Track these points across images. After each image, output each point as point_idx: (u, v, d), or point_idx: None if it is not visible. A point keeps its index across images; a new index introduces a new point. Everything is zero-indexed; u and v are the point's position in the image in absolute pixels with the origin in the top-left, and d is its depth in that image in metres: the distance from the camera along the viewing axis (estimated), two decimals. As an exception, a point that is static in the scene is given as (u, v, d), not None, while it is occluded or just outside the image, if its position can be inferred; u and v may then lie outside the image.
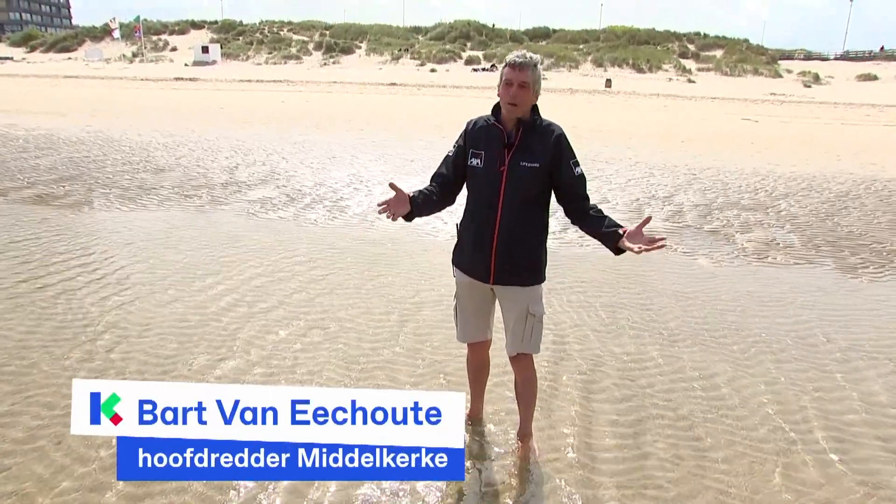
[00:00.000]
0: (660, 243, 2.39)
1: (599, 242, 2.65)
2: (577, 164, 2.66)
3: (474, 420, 3.26)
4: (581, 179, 2.67)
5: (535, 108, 2.66)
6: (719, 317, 4.85)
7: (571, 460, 3.01)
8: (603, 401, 3.56)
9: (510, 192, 2.62)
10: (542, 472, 2.92)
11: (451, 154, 2.80)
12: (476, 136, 2.71)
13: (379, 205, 2.65)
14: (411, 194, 2.69)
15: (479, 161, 2.68)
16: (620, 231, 2.52)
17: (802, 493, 2.84)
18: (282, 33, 63.19)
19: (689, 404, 3.55)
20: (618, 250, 2.56)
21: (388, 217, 2.63)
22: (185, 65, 50.96)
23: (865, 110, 28.68)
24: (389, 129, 16.79)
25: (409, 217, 2.70)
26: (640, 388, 3.70)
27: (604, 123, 19.60)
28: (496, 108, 2.69)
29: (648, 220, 2.49)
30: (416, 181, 9.80)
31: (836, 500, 2.81)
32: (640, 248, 2.40)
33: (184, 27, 65.93)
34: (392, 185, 2.64)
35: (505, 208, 2.64)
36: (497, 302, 2.91)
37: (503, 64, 2.63)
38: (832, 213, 8.62)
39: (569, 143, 2.67)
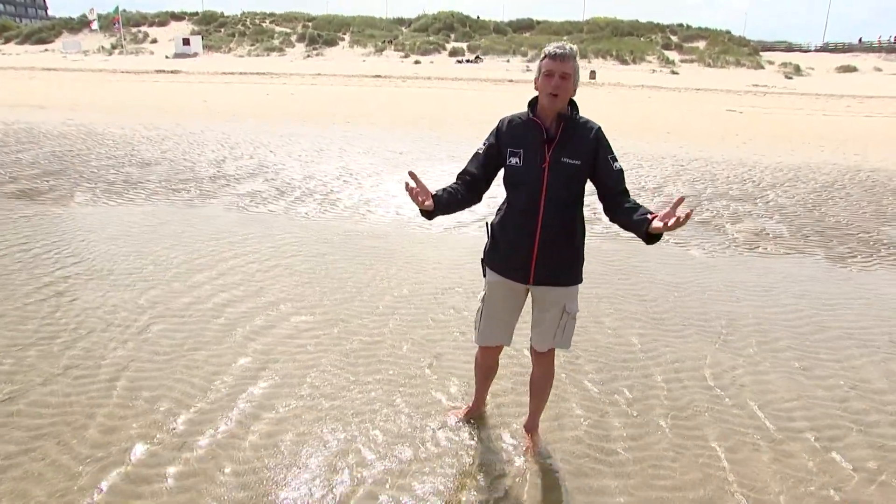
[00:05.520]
0: (687, 216, 2.24)
1: (632, 233, 2.52)
2: (615, 159, 2.61)
3: (479, 414, 3.26)
4: (620, 174, 2.60)
5: (573, 104, 2.62)
6: (713, 306, 4.89)
7: (576, 451, 3.03)
8: (603, 392, 3.57)
9: (553, 190, 2.56)
10: (548, 463, 2.93)
11: (480, 152, 2.71)
12: (512, 133, 2.63)
13: (408, 187, 2.48)
14: (435, 192, 2.58)
15: (518, 160, 2.60)
16: (650, 217, 2.40)
17: (799, 480, 2.88)
18: (264, 25, 62.47)
19: (689, 394, 3.58)
20: (649, 237, 2.42)
21: (417, 201, 2.48)
22: (166, 57, 50.24)
23: (846, 101, 29.03)
24: (376, 122, 16.70)
25: (431, 214, 2.59)
26: (640, 380, 3.72)
27: (589, 115, 19.62)
28: (532, 103, 2.63)
29: (682, 200, 2.28)
30: (406, 173, 9.75)
31: (831, 485, 2.85)
32: (665, 222, 2.27)
33: (164, 18, 64.91)
34: (412, 175, 2.49)
35: (547, 206, 2.57)
36: (529, 301, 2.85)
37: (542, 56, 2.56)
38: (819, 203, 8.73)
39: (606, 138, 2.62)
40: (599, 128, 2.63)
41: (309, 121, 16.66)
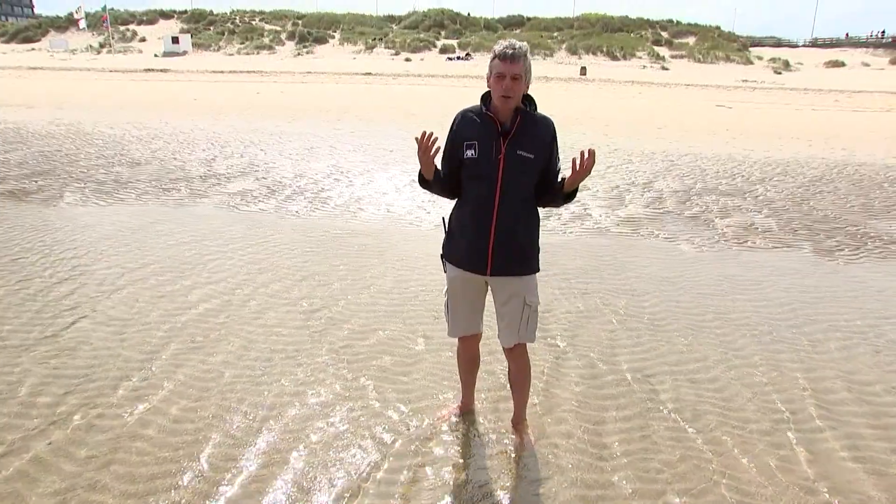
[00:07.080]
0: (589, 152, 2.56)
1: (555, 206, 2.83)
2: (558, 158, 2.75)
3: (467, 411, 3.27)
4: (558, 174, 2.76)
5: (529, 98, 2.66)
6: (703, 301, 4.93)
7: (565, 445, 3.05)
8: (592, 386, 3.60)
9: (507, 181, 2.61)
10: (536, 457, 2.95)
11: (444, 155, 2.78)
12: (467, 126, 2.68)
13: (425, 136, 2.59)
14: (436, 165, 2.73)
15: (473, 151, 2.64)
16: (563, 178, 2.69)
17: (791, 472, 2.91)
18: (253, 23, 62.18)
19: (678, 388, 3.61)
20: (567, 196, 2.73)
21: (427, 154, 2.62)
22: (155, 55, 49.90)
23: (834, 96, 29.20)
24: (366, 120, 16.66)
25: (428, 183, 2.78)
26: (629, 373, 3.75)
27: (580, 111, 19.67)
28: (485, 97, 2.67)
29: (590, 151, 2.59)
30: (397, 171, 9.77)
31: (824, 476, 2.88)
32: (578, 166, 2.58)
33: (152, 17, 64.50)
34: (423, 138, 2.58)
35: (503, 198, 2.62)
36: (490, 293, 2.89)
37: (492, 55, 2.57)
38: (807, 197, 8.79)
39: (557, 140, 2.73)
40: (555, 129, 2.72)
41: (299, 119, 16.61)
